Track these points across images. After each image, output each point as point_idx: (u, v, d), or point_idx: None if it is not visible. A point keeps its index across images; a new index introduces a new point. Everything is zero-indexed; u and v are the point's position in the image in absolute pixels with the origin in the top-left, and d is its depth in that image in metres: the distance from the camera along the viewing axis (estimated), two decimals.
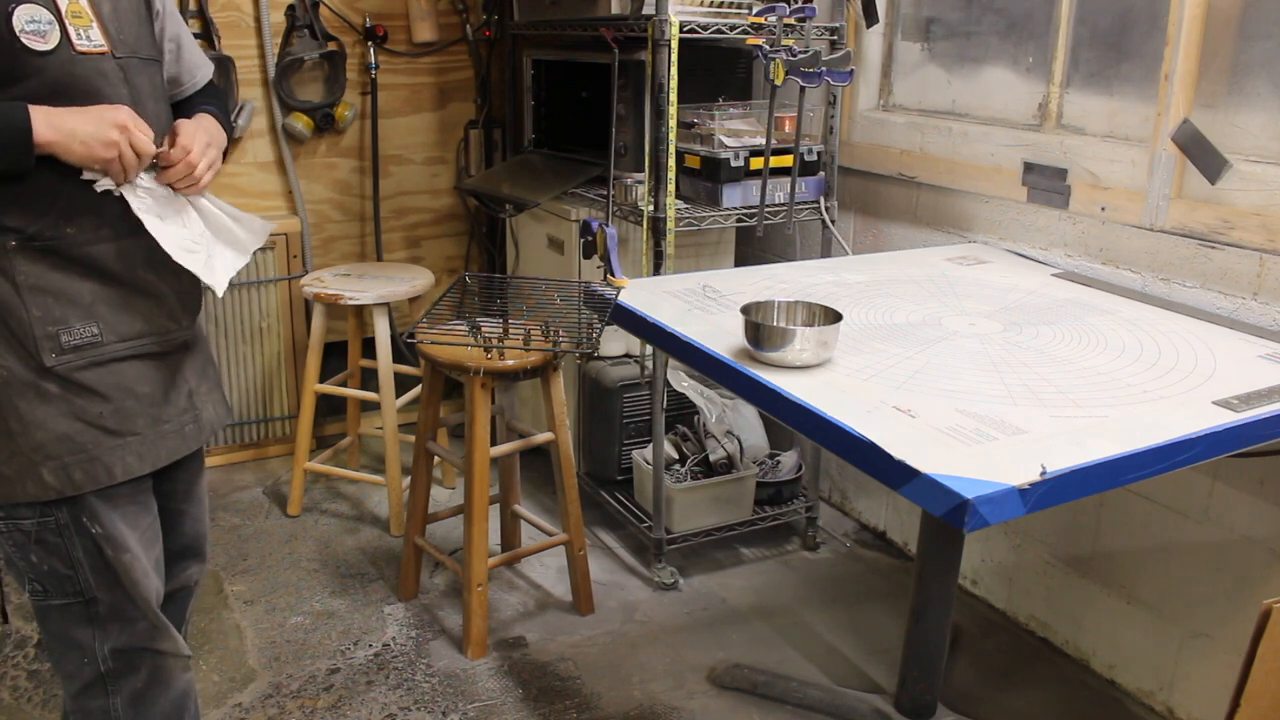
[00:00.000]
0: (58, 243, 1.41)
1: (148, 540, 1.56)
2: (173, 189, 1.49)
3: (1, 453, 1.42)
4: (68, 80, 1.39)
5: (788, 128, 2.66)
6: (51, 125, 1.35)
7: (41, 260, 1.40)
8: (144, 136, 1.42)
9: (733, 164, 2.58)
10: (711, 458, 2.78)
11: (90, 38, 1.42)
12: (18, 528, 1.46)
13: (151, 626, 1.56)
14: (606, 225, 2.18)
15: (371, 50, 3.35)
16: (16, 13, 1.34)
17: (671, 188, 2.51)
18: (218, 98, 1.74)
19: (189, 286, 1.58)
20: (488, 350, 2.19)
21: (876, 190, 2.81)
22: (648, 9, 2.48)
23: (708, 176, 2.62)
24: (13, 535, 1.47)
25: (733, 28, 2.52)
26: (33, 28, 1.35)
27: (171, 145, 1.48)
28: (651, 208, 2.54)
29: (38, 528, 1.46)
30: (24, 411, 1.41)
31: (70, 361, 1.43)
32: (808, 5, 2.40)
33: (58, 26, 1.38)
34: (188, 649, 1.64)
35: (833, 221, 2.73)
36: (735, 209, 2.62)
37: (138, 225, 1.45)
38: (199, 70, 1.70)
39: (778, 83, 2.40)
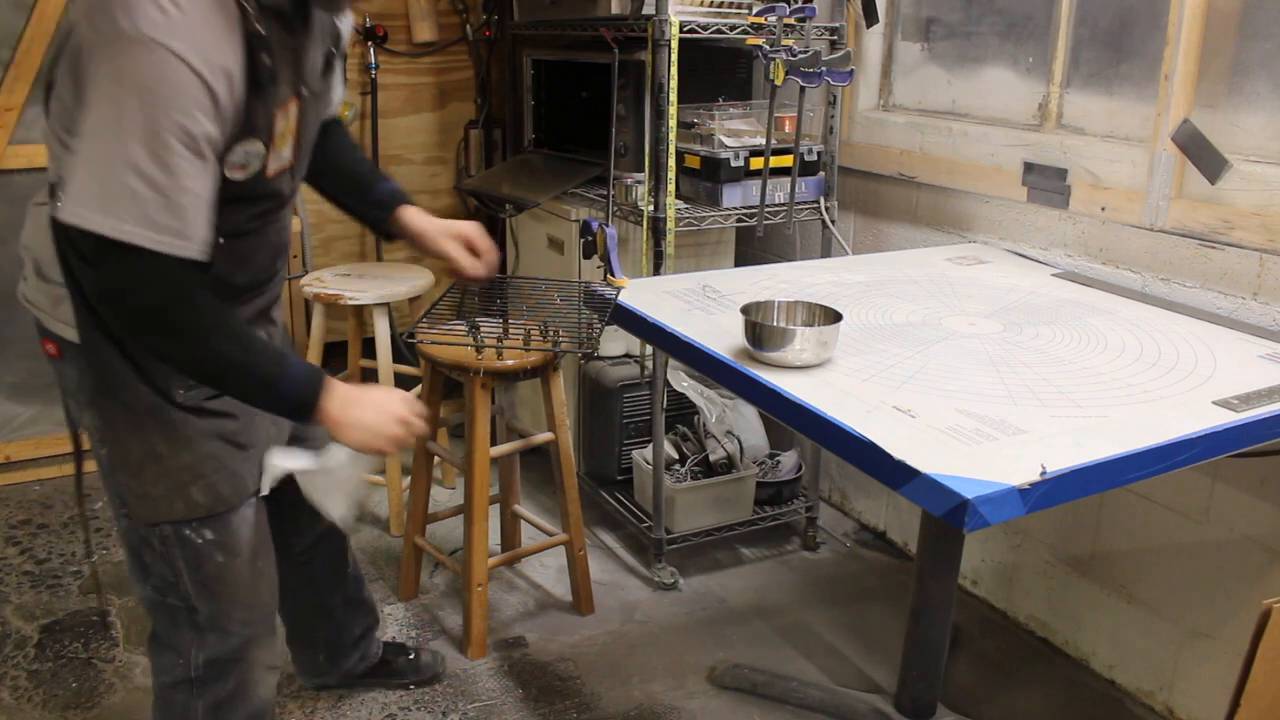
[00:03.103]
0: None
1: (260, 539, 1.59)
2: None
3: (149, 475, 1.44)
4: (246, 195, 1.39)
5: (788, 128, 2.66)
6: (342, 404, 1.39)
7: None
8: (423, 424, 1.47)
9: (733, 164, 2.58)
10: (711, 458, 2.78)
11: (282, 156, 1.42)
12: (133, 529, 1.50)
13: (246, 640, 1.59)
14: (606, 225, 2.18)
15: (371, 50, 3.35)
16: (236, 149, 1.31)
17: (671, 188, 2.51)
18: (349, 142, 1.80)
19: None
20: (479, 350, 2.19)
21: (876, 190, 2.81)
22: (648, 9, 2.48)
23: (708, 176, 2.62)
24: (128, 536, 1.52)
25: (733, 28, 2.52)
26: (239, 160, 1.33)
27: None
28: (651, 208, 2.54)
29: (146, 532, 1.50)
30: (170, 433, 1.44)
31: (196, 395, 1.46)
32: (808, 5, 2.40)
33: (261, 159, 1.36)
34: (278, 659, 1.68)
35: (833, 221, 2.73)
36: (735, 209, 2.62)
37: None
38: (328, 108, 1.68)
39: (778, 83, 2.40)
